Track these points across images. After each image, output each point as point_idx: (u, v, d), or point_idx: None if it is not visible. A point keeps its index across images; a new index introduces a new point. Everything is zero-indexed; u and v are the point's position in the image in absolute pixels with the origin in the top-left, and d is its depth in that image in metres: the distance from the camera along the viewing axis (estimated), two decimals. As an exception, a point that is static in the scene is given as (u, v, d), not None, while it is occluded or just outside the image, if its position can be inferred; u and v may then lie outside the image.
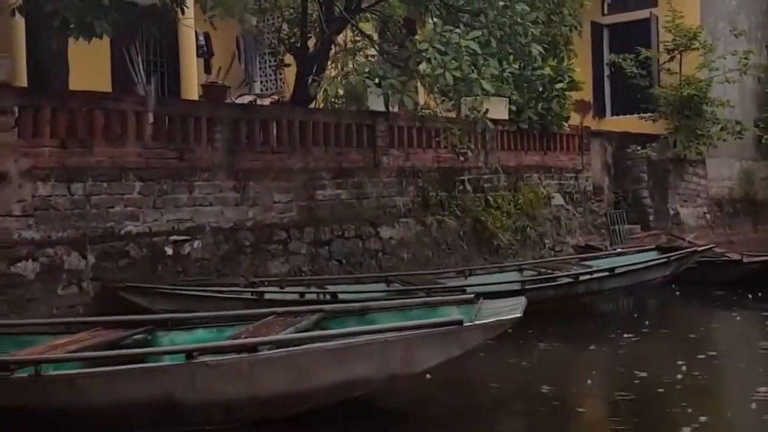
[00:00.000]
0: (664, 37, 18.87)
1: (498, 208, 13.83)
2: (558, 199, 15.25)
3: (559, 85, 14.42)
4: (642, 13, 19.66)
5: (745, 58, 18.40)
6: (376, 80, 9.22)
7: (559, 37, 9.95)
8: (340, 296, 8.38)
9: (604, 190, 17.40)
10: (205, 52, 14.33)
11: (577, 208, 15.66)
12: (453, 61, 7.98)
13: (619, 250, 13.68)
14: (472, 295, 6.06)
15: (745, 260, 10.69)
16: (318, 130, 11.20)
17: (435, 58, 8.01)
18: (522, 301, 5.91)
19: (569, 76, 14.63)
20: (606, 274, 9.01)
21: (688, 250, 9.35)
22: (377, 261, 11.67)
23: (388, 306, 6.17)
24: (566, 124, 15.30)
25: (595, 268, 9.22)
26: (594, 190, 16.72)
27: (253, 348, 5.01)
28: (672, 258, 9.24)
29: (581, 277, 8.93)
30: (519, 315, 5.44)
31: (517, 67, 14.11)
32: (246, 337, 5.35)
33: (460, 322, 5.18)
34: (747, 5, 21.32)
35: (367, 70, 8.54)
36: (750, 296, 10.40)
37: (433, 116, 10.64)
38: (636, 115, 19.40)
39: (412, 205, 12.54)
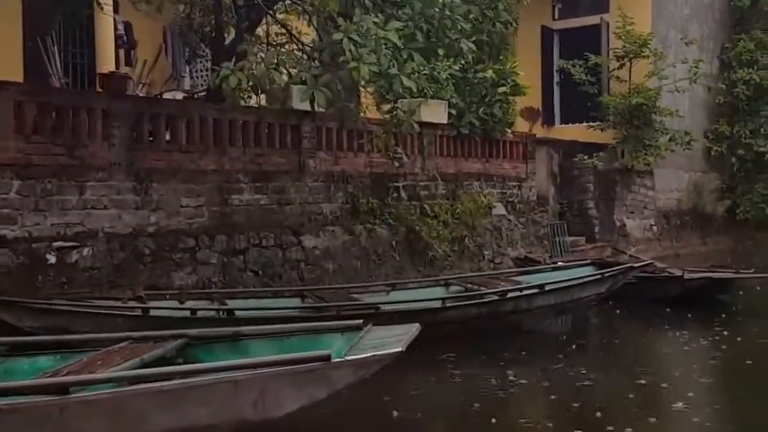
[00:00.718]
0: (615, 43, 18.35)
1: (435, 217, 13.09)
2: (499, 209, 14.57)
3: (501, 89, 13.73)
4: (593, 19, 19.12)
5: (695, 67, 17.95)
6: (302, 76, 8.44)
7: (494, 34, 9.20)
8: (239, 313, 7.51)
9: (549, 200, 16.78)
10: (125, 42, 13.34)
11: (519, 218, 14.99)
12: (371, 54, 7.19)
13: (560, 263, 13.02)
14: (360, 321, 5.24)
15: (686, 276, 10.06)
16: (235, 128, 10.35)
17: (350, 50, 7.22)
18: (413, 330, 5.12)
19: (513, 80, 13.96)
20: (535, 291, 8.29)
21: (624, 266, 8.68)
22: (299, 272, 10.82)
23: (263, 332, 5.31)
24: (509, 131, 14.61)
25: (524, 285, 8.50)
26: (538, 200, 16.09)
27: (63, 388, 4.08)
28: (607, 274, 8.57)
29: (509, 294, 8.20)
30: (400, 349, 4.61)
31: (457, 69, 13.45)
32: (67, 373, 4.41)
33: (327, 358, 4.34)
34: (699, 14, 20.94)
35: (274, 61, 7.70)
36: (689, 315, 9.76)
37: (355, 117, 9.83)
38: (586, 124, 18.85)
39: (341, 213, 11.73)
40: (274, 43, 9.83)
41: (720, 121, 21.04)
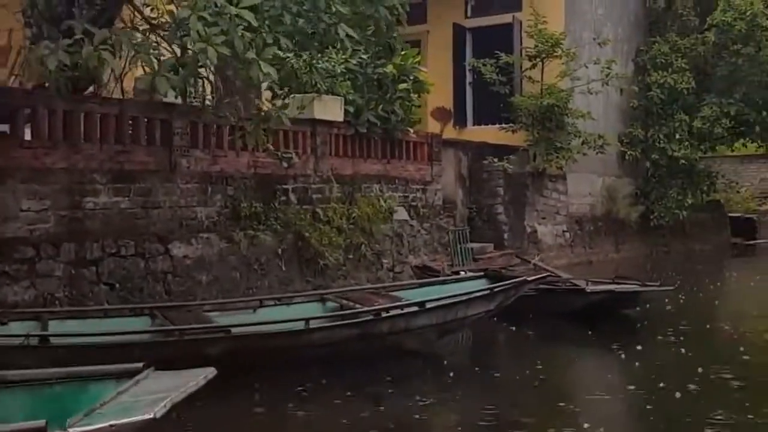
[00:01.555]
0: (528, 42, 17.69)
1: (328, 223, 12.07)
2: (401, 214, 13.65)
3: (402, 86, 12.82)
4: (506, 17, 18.40)
5: (608, 68, 17.39)
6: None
7: (381, 21, 8.24)
8: (56, 340, 6.31)
9: (457, 204, 15.97)
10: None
11: (423, 223, 14.10)
12: (221, 35, 6.14)
13: (463, 272, 12.20)
14: (140, 365, 4.17)
15: (588, 289, 9.29)
16: (91, 122, 9.15)
17: (198, 30, 6.15)
18: (200, 378, 4.08)
19: (415, 77, 13.05)
20: (415, 309, 7.35)
21: (516, 280, 7.81)
22: (165, 285, 9.66)
23: (16, 379, 4.17)
24: (412, 131, 13.71)
25: (404, 302, 7.55)
26: (445, 205, 15.25)
27: None
28: (496, 290, 7.69)
29: (384, 314, 7.24)
30: (151, 416, 3.53)
31: (355, 63, 12.49)
32: None
33: (41, 429, 3.24)
34: (614, 15, 20.47)
35: (110, 42, 6.56)
36: (590, 332, 8.98)
37: (213, 110, 8.76)
38: (498, 126, 18.11)
39: (218, 218, 10.61)
40: (140, 27, 8.65)
41: (634, 125, 20.61)
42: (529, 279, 7.89)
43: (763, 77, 19.77)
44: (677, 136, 20.28)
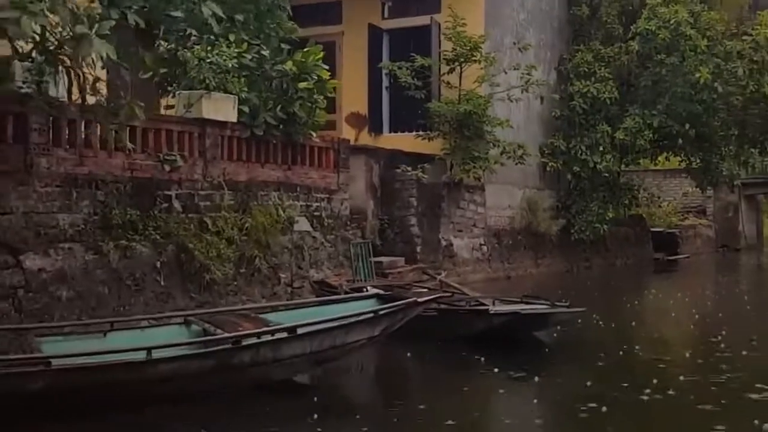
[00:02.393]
0: (446, 46, 16.87)
1: (217, 234, 10.93)
2: (303, 224, 12.56)
3: (303, 85, 11.78)
4: (424, 19, 17.54)
5: (528, 74, 16.68)
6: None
7: (261, 3, 7.20)
8: None
9: (368, 215, 14.98)
10: None
11: (327, 235, 13.06)
12: (37, 2, 5.02)
13: (367, 289, 11.21)
14: None
15: (492, 311, 8.35)
16: None
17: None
18: None
19: (318, 75, 12.02)
20: (284, 336, 6.29)
21: (404, 302, 6.78)
22: (14, 302, 8.39)
23: None
24: (315, 135, 12.67)
25: (273, 327, 6.46)
26: (353, 215, 14.26)
27: None
28: (382, 313, 6.67)
29: (247, 341, 6.15)
30: None
31: (250, 58, 11.41)
32: None
33: None
34: (537, 21, 19.85)
35: None
36: (489, 357, 7.96)
37: (79, 105, 7.59)
38: (416, 133, 17.19)
39: (85, 226, 9.38)
40: None
41: (556, 135, 19.99)
42: (419, 301, 6.91)
43: (687, 88, 19.36)
44: (600, 148, 19.73)
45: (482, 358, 8.02)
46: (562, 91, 20.41)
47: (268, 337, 6.29)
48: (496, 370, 7.61)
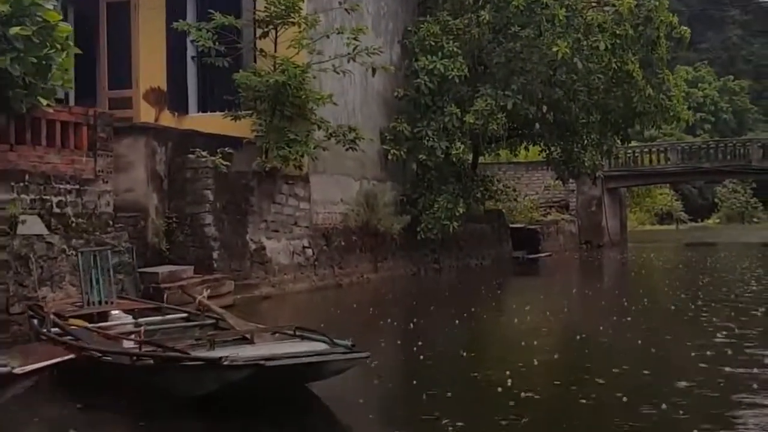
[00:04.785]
0: (261, 5, 13.77)
1: None
2: (33, 226, 9.21)
3: (16, 30, 8.40)
4: (235, -28, 14.40)
5: (354, 39, 13.79)
6: None
7: None
8: None
9: (149, 212, 11.73)
10: None
11: (75, 240, 9.68)
12: None
13: (117, 313, 8.01)
14: None
15: (226, 362, 5.25)
16: None
17: None
18: None
19: (41, 18, 8.66)
20: None
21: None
22: None
23: None
24: (46, 102, 9.26)
25: None
26: (121, 212, 10.98)
27: None
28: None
29: None
30: None
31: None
32: None
33: None
34: (376, -14, 17.07)
35: None
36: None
37: None
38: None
39: None
40: None
41: (399, 118, 17.27)
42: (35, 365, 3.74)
43: (543, 67, 17.05)
44: (449, 134, 17.14)
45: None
46: (407, 67, 17.72)
47: None
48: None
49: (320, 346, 5.86)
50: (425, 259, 18.20)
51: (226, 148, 12.41)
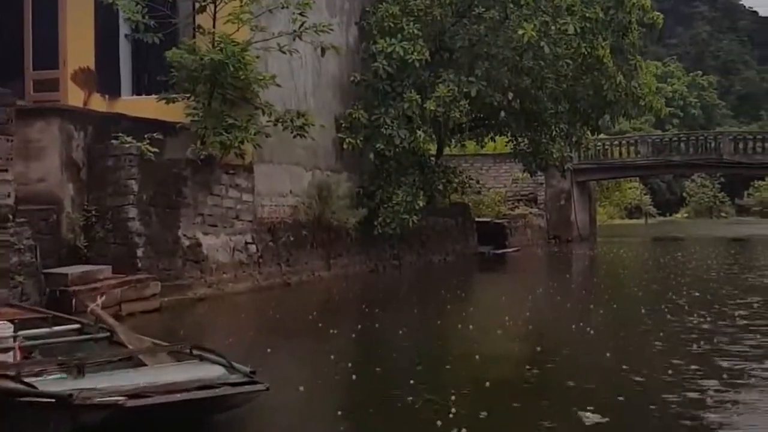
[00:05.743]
0: (198, -23, 12.51)
1: None
2: None
3: None
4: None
5: (301, 14, 12.56)
6: None
7: None
8: None
9: (64, 205, 10.44)
10: None
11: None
12: None
13: None
14: None
15: (77, 401, 4.01)
16: None
17: None
18: None
19: None
20: None
21: None
22: None
23: None
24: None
25: None
26: (26, 205, 9.68)
27: None
28: None
29: None
30: None
31: None
32: None
33: None
34: (330, -40, 15.82)
35: None
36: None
37: None
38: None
39: None
40: None
41: (356, 105, 16.06)
42: None
43: (509, 52, 15.94)
44: (409, 122, 15.97)
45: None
46: (364, 51, 16.51)
47: None
48: None
49: (217, 371, 4.66)
50: (383, 256, 17.04)
51: (155, 134, 11.14)
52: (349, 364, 6.83)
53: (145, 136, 11.02)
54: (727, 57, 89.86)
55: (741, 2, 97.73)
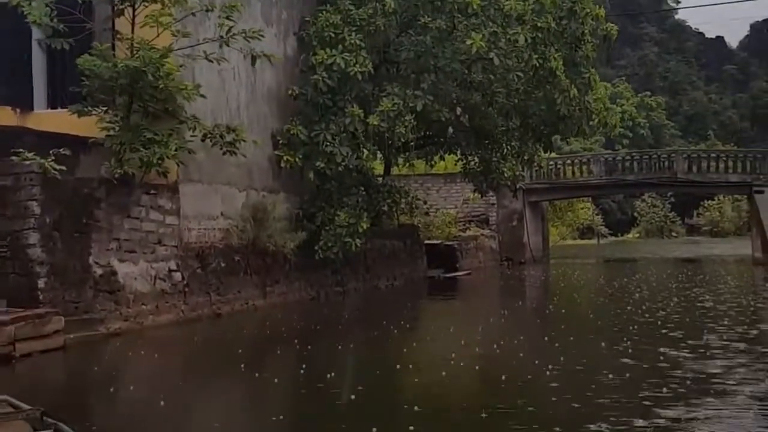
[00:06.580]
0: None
1: None
2: None
3: None
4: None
5: (228, 18, 11.48)
6: None
7: None
8: None
9: (-46, 229, 9.14)
10: None
11: None
12: None
13: None
14: None
15: None
16: None
17: None
18: None
19: None
20: None
21: None
22: None
23: None
24: None
25: None
26: None
27: None
28: None
29: None
30: None
31: None
32: None
33: None
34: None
35: None
36: None
37: None
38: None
39: None
40: None
41: (294, 120, 15.01)
42: None
43: (456, 64, 15.07)
44: (351, 138, 14.95)
45: None
46: (303, 62, 15.49)
47: None
48: None
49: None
50: (325, 282, 15.93)
51: (62, 150, 9.93)
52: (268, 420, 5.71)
53: (51, 152, 9.82)
54: (674, 78, 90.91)
55: (687, 23, 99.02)
